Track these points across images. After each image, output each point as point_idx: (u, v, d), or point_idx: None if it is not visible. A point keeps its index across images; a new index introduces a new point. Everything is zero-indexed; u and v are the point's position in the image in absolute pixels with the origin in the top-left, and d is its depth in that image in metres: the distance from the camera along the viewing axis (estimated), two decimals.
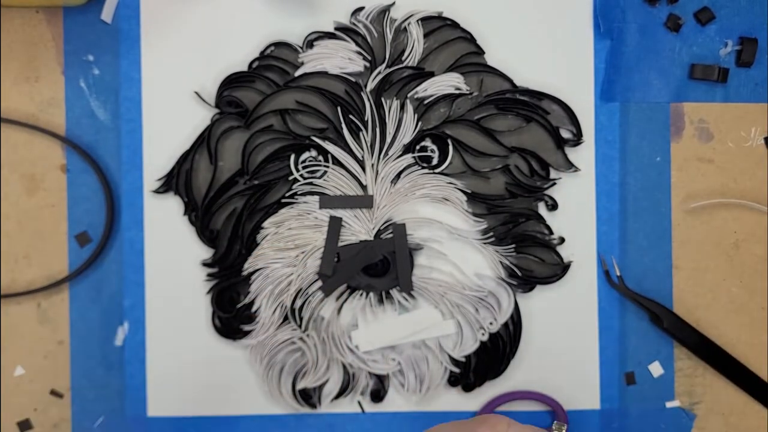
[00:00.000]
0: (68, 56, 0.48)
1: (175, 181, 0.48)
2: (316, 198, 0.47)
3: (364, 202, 0.47)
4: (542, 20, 0.49)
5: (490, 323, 0.49)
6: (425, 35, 0.48)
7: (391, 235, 0.47)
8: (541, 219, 0.49)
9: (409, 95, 0.48)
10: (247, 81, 0.48)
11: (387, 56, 0.48)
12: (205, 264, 0.48)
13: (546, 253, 0.49)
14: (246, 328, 0.48)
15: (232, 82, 0.48)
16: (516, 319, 0.49)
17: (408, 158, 0.48)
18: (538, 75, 0.48)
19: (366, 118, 0.47)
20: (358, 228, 0.48)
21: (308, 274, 0.48)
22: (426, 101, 0.48)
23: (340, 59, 0.48)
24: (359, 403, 0.49)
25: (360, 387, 0.49)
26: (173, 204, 0.48)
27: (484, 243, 0.48)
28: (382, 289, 0.48)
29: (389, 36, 0.48)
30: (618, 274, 0.49)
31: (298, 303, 0.48)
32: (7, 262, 0.48)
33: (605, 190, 0.49)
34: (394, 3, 0.48)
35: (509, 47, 0.48)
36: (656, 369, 0.49)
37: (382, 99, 0.47)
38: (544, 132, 0.48)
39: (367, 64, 0.48)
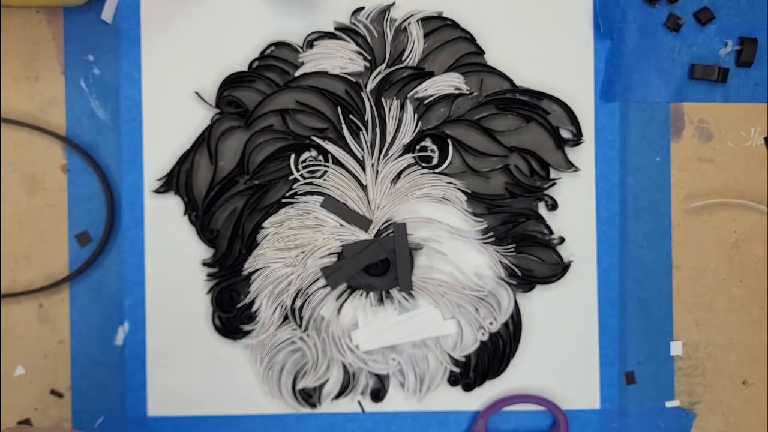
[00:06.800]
0: (68, 56, 0.48)
1: (175, 180, 0.48)
2: (317, 198, 0.47)
3: (360, 222, 0.47)
4: (542, 20, 0.49)
5: (490, 323, 0.49)
6: (425, 35, 0.48)
7: (391, 235, 0.47)
8: (541, 219, 0.49)
9: (409, 95, 0.48)
10: (247, 81, 0.48)
11: (387, 56, 0.48)
12: (206, 264, 0.48)
13: (546, 252, 0.49)
14: (246, 327, 0.48)
15: (232, 82, 0.48)
16: (516, 319, 0.49)
17: (408, 158, 0.48)
18: (538, 75, 0.48)
19: (366, 118, 0.47)
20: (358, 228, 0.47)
21: (308, 274, 0.48)
22: (426, 101, 0.48)
23: (340, 59, 0.48)
24: (359, 402, 0.49)
25: (360, 387, 0.49)
26: (173, 204, 0.48)
27: (484, 243, 0.48)
28: (382, 289, 0.48)
29: (389, 36, 0.48)
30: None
31: (298, 303, 0.48)
32: (7, 262, 0.48)
33: (605, 190, 0.49)
34: (394, 3, 0.48)
35: (509, 47, 0.48)
36: (676, 348, 0.49)
37: (382, 99, 0.47)
38: (544, 132, 0.48)
39: (367, 64, 0.48)
